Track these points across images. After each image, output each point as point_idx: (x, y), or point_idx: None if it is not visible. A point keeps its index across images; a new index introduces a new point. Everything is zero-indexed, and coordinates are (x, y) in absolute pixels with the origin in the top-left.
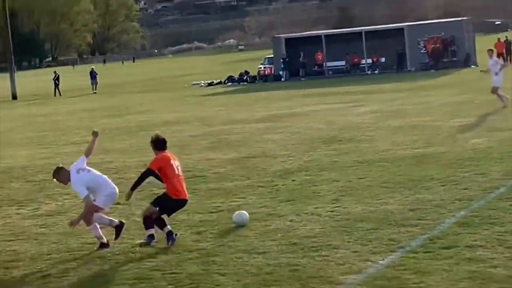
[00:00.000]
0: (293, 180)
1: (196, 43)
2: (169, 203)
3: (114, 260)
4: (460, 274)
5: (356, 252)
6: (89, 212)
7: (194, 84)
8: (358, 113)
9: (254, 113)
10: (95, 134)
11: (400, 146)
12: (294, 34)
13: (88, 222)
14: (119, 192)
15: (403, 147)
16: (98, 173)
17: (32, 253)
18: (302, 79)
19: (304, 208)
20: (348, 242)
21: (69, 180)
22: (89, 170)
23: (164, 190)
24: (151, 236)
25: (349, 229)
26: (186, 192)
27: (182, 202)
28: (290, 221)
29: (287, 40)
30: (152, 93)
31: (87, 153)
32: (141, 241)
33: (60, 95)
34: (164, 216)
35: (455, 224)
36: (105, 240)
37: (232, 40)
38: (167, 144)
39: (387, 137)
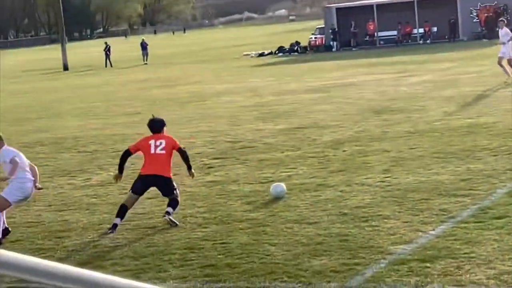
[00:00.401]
0: (344, 151)
1: (247, 14)
2: (135, 180)
3: (164, 230)
4: (511, 244)
5: (406, 222)
6: None
7: (245, 55)
8: (410, 83)
9: (305, 84)
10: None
11: (452, 116)
12: (345, 3)
13: None
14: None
15: (455, 117)
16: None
17: (84, 223)
18: (353, 49)
19: (354, 178)
20: (399, 212)
21: None
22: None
23: None
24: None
25: (399, 199)
26: (155, 169)
27: (142, 177)
28: (341, 191)
29: (338, 10)
30: (202, 64)
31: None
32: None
33: (111, 66)
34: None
35: (507, 194)
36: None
37: (283, 10)
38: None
39: (439, 107)
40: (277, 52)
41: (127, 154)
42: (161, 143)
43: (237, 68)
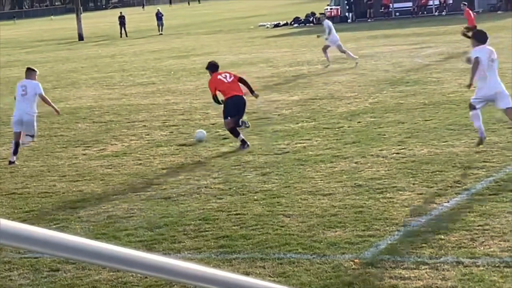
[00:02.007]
0: (359, 122)
1: None
2: (225, 106)
3: (179, 201)
4: None
5: (421, 194)
6: None
7: (260, 26)
8: (425, 54)
9: (320, 55)
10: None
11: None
12: None
13: None
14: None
15: (470, 89)
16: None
17: (98, 193)
18: (368, 20)
19: (369, 150)
20: (413, 184)
21: None
22: None
23: None
24: (243, 142)
25: (414, 171)
26: (238, 91)
27: (234, 98)
28: (355, 163)
29: None
30: (218, 35)
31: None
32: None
33: (126, 36)
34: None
35: None
36: None
37: None
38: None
39: (454, 79)
40: (292, 23)
41: (215, 97)
42: (226, 75)
43: (252, 39)
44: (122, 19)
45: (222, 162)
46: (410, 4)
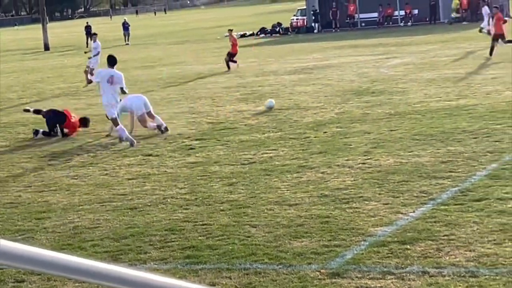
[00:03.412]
0: (325, 132)
1: None
2: None
3: (145, 212)
4: (490, 227)
5: (387, 204)
6: None
7: (227, 36)
8: (391, 65)
9: (287, 65)
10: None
11: (432, 98)
12: None
13: None
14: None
15: (436, 99)
16: None
17: (64, 204)
18: (334, 30)
19: (335, 160)
20: (379, 194)
21: None
22: None
23: None
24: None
25: (380, 181)
26: None
27: None
28: (322, 173)
29: None
30: (184, 45)
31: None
32: None
33: None
34: None
35: (486, 176)
36: None
37: None
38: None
39: (420, 89)
40: (258, 33)
41: None
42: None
43: (219, 49)
44: (88, 29)
45: (188, 172)
46: (375, 14)
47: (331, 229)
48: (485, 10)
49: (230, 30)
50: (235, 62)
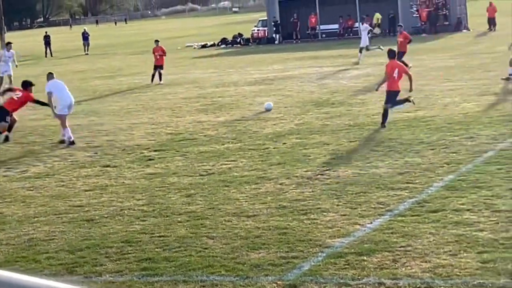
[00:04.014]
0: (284, 143)
1: (190, 5)
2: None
3: (102, 223)
4: (446, 238)
5: (344, 215)
6: None
7: (187, 46)
8: (351, 76)
9: (247, 76)
10: None
11: (391, 110)
12: None
13: None
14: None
15: (394, 111)
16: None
17: (19, 215)
18: (295, 42)
19: (294, 171)
20: (337, 205)
21: None
22: None
23: None
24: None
25: (338, 193)
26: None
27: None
28: (280, 184)
29: (281, 3)
30: (144, 55)
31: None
32: None
33: (51, 55)
34: None
35: (443, 187)
36: None
37: (226, 2)
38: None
39: (379, 101)
40: (219, 43)
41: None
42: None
43: (180, 59)
44: (47, 39)
45: (146, 183)
46: (336, 26)
47: (288, 241)
48: (365, 26)
49: (157, 41)
50: (160, 76)
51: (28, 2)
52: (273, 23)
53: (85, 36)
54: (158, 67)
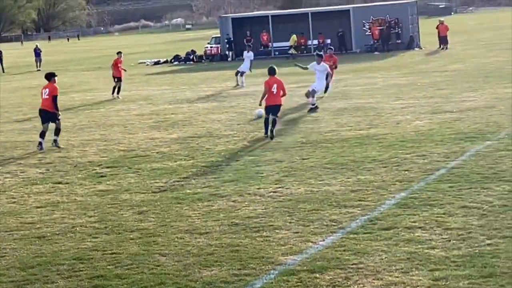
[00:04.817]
0: (237, 160)
1: (143, 22)
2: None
3: (53, 240)
4: (398, 255)
5: (297, 232)
6: None
7: (140, 63)
8: (303, 94)
9: (200, 93)
10: None
11: (343, 128)
12: (241, 14)
13: None
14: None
15: (347, 129)
16: None
17: None
18: None
19: (247, 188)
20: (290, 222)
21: None
22: None
23: None
24: None
25: (291, 210)
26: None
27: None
28: (233, 201)
29: (234, 20)
30: (97, 71)
31: None
32: None
33: (3, 71)
34: None
35: (395, 205)
36: None
37: (179, 19)
38: None
39: (331, 118)
40: (172, 60)
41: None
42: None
43: (132, 76)
44: None
45: (98, 200)
46: (289, 43)
47: (241, 258)
48: (250, 54)
49: (120, 53)
50: (119, 89)
51: None
52: (226, 40)
53: (37, 52)
54: (119, 79)
